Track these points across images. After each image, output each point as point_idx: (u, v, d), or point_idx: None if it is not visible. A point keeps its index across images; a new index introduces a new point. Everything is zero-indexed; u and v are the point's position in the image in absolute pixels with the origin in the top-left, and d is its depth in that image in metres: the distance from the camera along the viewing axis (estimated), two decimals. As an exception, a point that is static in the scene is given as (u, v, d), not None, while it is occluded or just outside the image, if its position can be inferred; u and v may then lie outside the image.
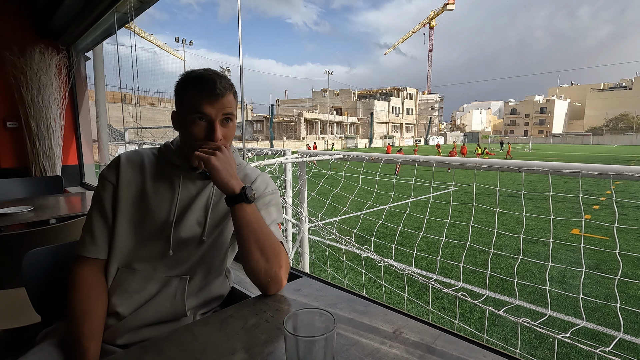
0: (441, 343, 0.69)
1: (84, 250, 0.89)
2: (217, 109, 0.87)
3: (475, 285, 4.14)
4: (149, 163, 0.95)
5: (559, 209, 8.27)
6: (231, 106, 0.90)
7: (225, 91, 0.88)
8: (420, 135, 71.39)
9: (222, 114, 0.88)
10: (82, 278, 0.87)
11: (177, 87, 0.90)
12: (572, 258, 5.04)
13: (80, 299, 0.84)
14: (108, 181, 0.92)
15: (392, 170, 14.90)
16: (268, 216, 0.96)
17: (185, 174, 0.95)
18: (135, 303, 0.89)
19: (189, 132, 0.88)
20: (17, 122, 3.22)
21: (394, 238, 5.54)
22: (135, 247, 0.90)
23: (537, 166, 1.83)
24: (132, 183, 0.92)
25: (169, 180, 0.94)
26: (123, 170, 0.92)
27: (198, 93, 0.86)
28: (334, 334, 0.53)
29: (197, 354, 0.67)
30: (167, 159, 0.95)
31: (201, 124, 0.87)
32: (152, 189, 0.92)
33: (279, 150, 3.24)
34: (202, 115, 0.86)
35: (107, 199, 0.91)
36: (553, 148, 47.18)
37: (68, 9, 2.42)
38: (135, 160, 0.94)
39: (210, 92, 0.86)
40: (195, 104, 0.86)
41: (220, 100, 0.87)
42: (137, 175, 0.93)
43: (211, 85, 0.86)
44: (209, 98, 0.86)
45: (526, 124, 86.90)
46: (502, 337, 3.06)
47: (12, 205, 2.09)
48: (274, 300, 0.88)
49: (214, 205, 0.95)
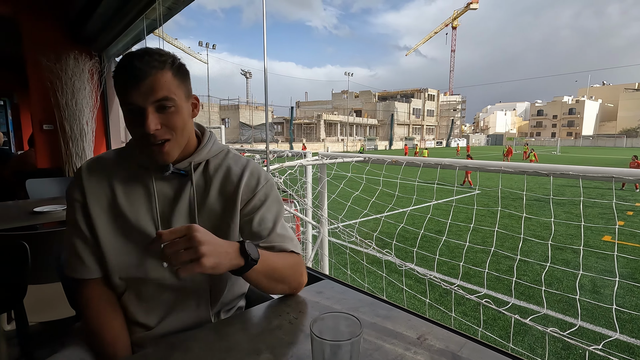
0: (467, 351, 0.67)
1: (75, 273, 0.82)
2: (144, 93, 0.70)
3: (500, 292, 4.02)
4: (114, 169, 0.83)
5: (588, 214, 7.92)
6: (165, 88, 0.72)
7: (152, 70, 0.71)
8: (441, 137, 70.10)
9: (153, 100, 0.71)
10: (88, 298, 0.82)
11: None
12: (604, 266, 4.81)
13: (91, 316, 0.81)
14: (75, 200, 0.81)
15: (414, 173, 14.65)
16: (269, 215, 0.86)
17: (157, 175, 0.82)
18: (159, 313, 0.85)
19: (127, 126, 0.76)
20: (53, 124, 3.39)
21: (414, 242, 5.46)
22: (131, 259, 0.81)
23: (566, 170, 1.76)
24: (100, 195, 0.81)
25: (142, 185, 0.82)
26: (87, 183, 0.81)
27: (121, 77, 0.72)
28: (360, 339, 0.53)
29: (222, 354, 0.68)
30: (133, 160, 0.84)
31: (133, 115, 0.73)
32: (124, 197, 0.81)
33: (299, 152, 3.26)
34: (129, 105, 0.72)
35: (80, 219, 0.81)
36: (583, 151, 45.21)
37: (100, 16, 2.54)
38: (97, 169, 0.82)
39: (131, 74, 0.70)
40: (122, 92, 0.72)
41: (146, 81, 0.70)
42: (104, 185, 0.81)
43: (132, 66, 0.70)
44: (132, 81, 0.70)
45: (554, 126, 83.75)
46: (528, 347, 2.96)
47: (47, 203, 2.20)
48: (296, 302, 0.88)
49: (200, 205, 0.84)
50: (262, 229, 0.85)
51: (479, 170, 2.18)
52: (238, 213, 0.85)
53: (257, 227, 0.85)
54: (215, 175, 0.85)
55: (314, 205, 3.25)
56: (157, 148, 0.75)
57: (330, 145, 43.34)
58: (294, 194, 3.22)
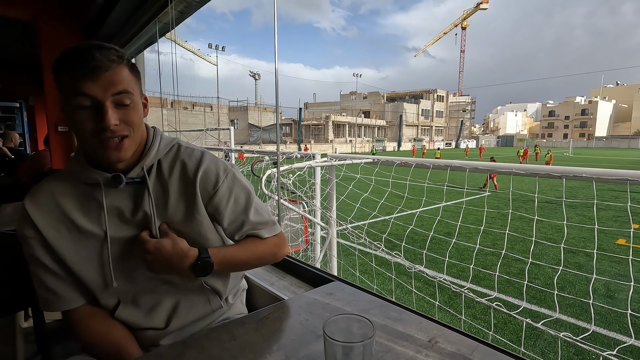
0: (479, 355, 0.67)
1: (54, 307, 0.79)
2: (102, 87, 0.67)
3: (510, 296, 3.97)
4: (63, 194, 0.77)
5: (602, 217, 7.77)
6: (124, 82, 0.70)
7: (111, 63, 0.68)
8: (450, 139, 69.50)
9: (112, 93, 0.68)
10: (76, 322, 0.81)
11: (53, 71, 0.70)
12: (618, 270, 4.71)
13: (87, 335, 0.80)
14: (29, 237, 0.76)
15: (423, 175, 14.56)
16: (238, 207, 0.85)
17: (107, 189, 0.77)
18: (164, 315, 0.85)
19: (74, 122, 0.69)
20: (67, 126, 3.46)
21: (423, 243, 5.42)
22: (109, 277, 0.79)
23: (579, 172, 1.74)
24: (58, 226, 0.76)
25: (95, 201, 0.77)
26: (37, 219, 0.75)
27: (72, 71, 0.67)
28: (372, 341, 0.53)
29: (235, 353, 0.69)
30: (78, 177, 0.77)
31: (88, 111, 0.68)
32: (82, 218, 0.76)
33: (307, 154, 3.27)
34: (82, 97, 0.67)
35: (42, 255, 0.76)
36: (596, 152, 44.37)
37: (115, 21, 2.59)
38: (46, 201, 0.76)
39: (87, 66, 0.66)
40: (72, 85, 0.67)
41: (104, 75, 0.67)
42: (58, 214, 0.76)
43: (88, 57, 0.66)
44: (87, 74, 0.66)
45: (566, 127, 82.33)
46: (539, 351, 2.91)
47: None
48: (307, 303, 0.89)
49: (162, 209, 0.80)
50: (235, 224, 0.86)
51: (489, 172, 2.16)
52: (202, 207, 0.82)
53: (231, 223, 0.86)
54: (171, 175, 0.81)
55: (323, 206, 3.25)
56: (114, 145, 0.71)
57: (339, 147, 43.31)
58: (303, 195, 3.23)
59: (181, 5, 2.19)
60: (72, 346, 1.42)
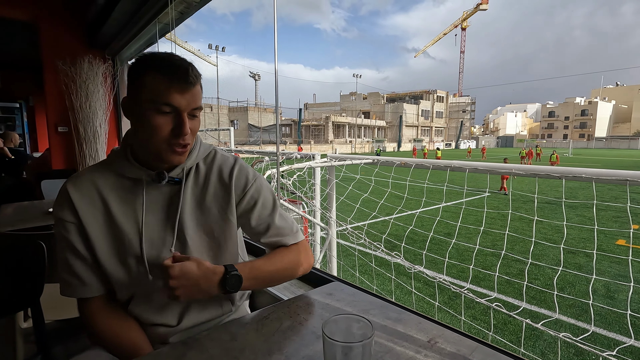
0: (479, 355, 0.67)
1: (77, 293, 0.81)
2: (187, 100, 0.75)
3: (510, 296, 3.97)
4: (104, 184, 0.81)
5: (602, 217, 7.77)
6: (200, 99, 0.79)
7: (197, 81, 0.77)
8: (450, 139, 69.51)
9: (192, 107, 0.77)
10: (93, 312, 0.82)
11: (135, 69, 0.75)
12: (618, 271, 4.71)
13: (102, 330, 0.82)
14: (67, 222, 0.79)
15: (423, 175, 14.58)
16: (265, 211, 0.90)
17: (149, 185, 0.82)
18: (177, 312, 0.86)
19: (150, 125, 0.74)
20: (67, 126, 3.47)
21: (423, 244, 5.42)
22: (132, 273, 0.82)
23: (579, 173, 1.74)
24: (96, 214, 0.80)
25: (134, 196, 0.82)
26: (78, 204, 0.78)
27: (166, 80, 0.72)
28: (371, 341, 0.53)
29: (236, 353, 0.69)
30: (120, 171, 0.82)
31: (167, 117, 0.74)
32: (120, 212, 0.80)
33: (307, 154, 3.28)
34: (169, 105, 0.73)
35: (76, 240, 0.79)
36: (596, 153, 44.39)
37: (115, 21, 2.59)
38: (87, 188, 0.80)
39: (181, 80, 0.73)
40: (162, 93, 0.72)
41: (191, 91, 0.75)
42: (98, 203, 0.80)
43: (183, 72, 0.74)
44: (180, 86, 0.73)
45: (566, 127, 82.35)
46: (539, 352, 2.91)
47: (62, 204, 2.24)
48: (307, 304, 0.89)
49: (198, 208, 0.85)
50: (262, 225, 0.90)
51: (489, 173, 2.17)
52: (234, 208, 0.88)
53: (256, 226, 0.90)
54: (208, 178, 0.87)
55: (322, 207, 3.25)
56: (180, 150, 0.78)
57: (339, 147, 43.29)
58: (303, 196, 3.23)
59: (181, 5, 2.20)
60: (73, 346, 1.42)
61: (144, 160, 0.81)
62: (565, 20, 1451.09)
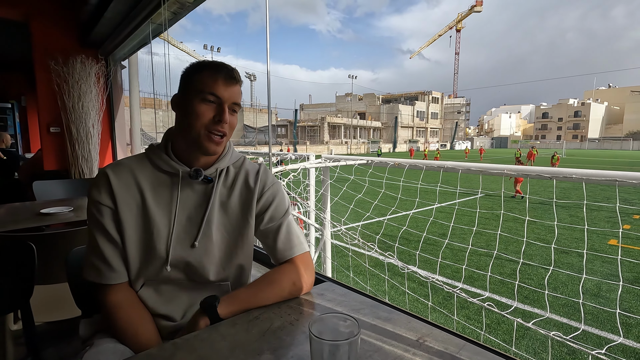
0: (466, 353, 0.68)
1: (103, 279, 0.83)
2: (230, 94, 0.84)
3: (503, 296, 4.00)
4: (141, 175, 0.86)
5: (594, 218, 7.85)
6: (240, 98, 0.88)
7: (240, 81, 0.88)
8: (445, 140, 69.86)
9: (232, 102, 0.85)
10: (117, 301, 0.84)
11: (188, 71, 0.86)
12: (609, 270, 4.77)
13: (123, 319, 0.83)
14: (104, 205, 0.83)
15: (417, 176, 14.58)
16: (277, 210, 0.95)
17: (183, 181, 0.88)
18: (182, 307, 0.89)
19: (195, 112, 0.82)
20: (60, 127, 3.44)
21: (417, 244, 5.45)
22: (154, 263, 0.85)
23: (570, 174, 1.76)
24: (131, 202, 0.84)
25: (169, 190, 0.87)
26: (117, 190, 0.83)
27: (214, 74, 0.83)
28: (358, 339, 0.54)
29: (226, 353, 0.69)
30: (158, 165, 0.87)
31: (211, 105, 0.83)
32: (154, 203, 0.85)
33: (302, 155, 3.28)
34: (214, 95, 0.82)
35: (109, 224, 0.83)
36: (589, 153, 44.85)
37: (108, 21, 2.58)
38: (126, 176, 0.85)
39: (226, 75, 0.84)
40: (210, 84, 0.82)
41: (234, 86, 0.85)
42: (134, 192, 0.84)
43: (228, 70, 0.85)
44: (225, 80, 0.83)
45: (559, 129, 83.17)
46: (532, 351, 2.94)
47: (54, 205, 2.23)
48: (298, 304, 0.90)
49: (224, 206, 0.91)
50: (274, 224, 0.94)
51: (482, 174, 2.19)
52: (254, 212, 0.94)
53: (269, 221, 0.94)
54: (236, 180, 0.94)
55: (317, 208, 3.26)
56: (216, 138, 0.85)
57: (334, 148, 43.31)
58: (297, 197, 3.23)
59: (174, 6, 2.19)
60: (65, 348, 1.41)
61: (182, 157, 0.88)
62: (557, 22, 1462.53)
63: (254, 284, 0.88)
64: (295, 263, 0.93)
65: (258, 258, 1.43)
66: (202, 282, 0.91)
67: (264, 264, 1.64)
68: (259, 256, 1.45)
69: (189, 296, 0.91)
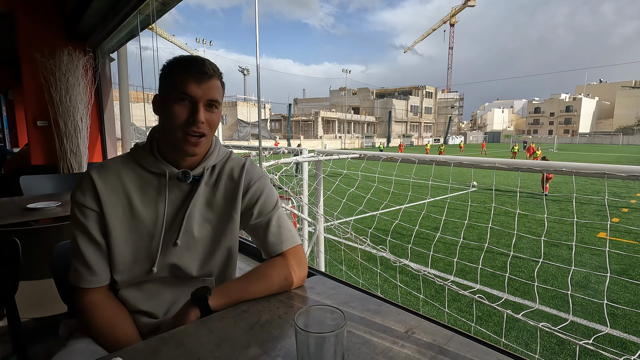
0: (454, 345, 0.68)
1: (83, 282, 0.82)
2: (203, 90, 0.81)
3: (495, 288, 4.05)
4: (127, 177, 0.85)
5: (584, 211, 7.97)
6: (217, 93, 0.84)
7: (214, 74, 0.83)
8: (439, 135, 70.16)
9: (207, 99, 0.82)
10: (93, 303, 0.83)
11: (164, 69, 0.83)
12: (598, 262, 4.85)
13: (100, 321, 0.82)
14: (88, 208, 0.81)
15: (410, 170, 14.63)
16: (266, 204, 0.94)
17: (171, 182, 0.87)
18: (165, 303, 0.88)
19: (170, 112, 0.80)
20: (47, 121, 3.37)
21: (410, 238, 5.48)
22: (140, 264, 0.85)
23: (559, 167, 1.77)
24: (117, 205, 0.82)
25: (156, 191, 0.86)
26: (102, 193, 0.81)
27: (184, 72, 0.80)
28: (344, 331, 0.53)
29: (212, 347, 0.69)
30: (144, 166, 0.86)
31: (184, 105, 0.80)
32: (141, 205, 0.84)
33: (295, 149, 3.26)
34: (185, 95, 0.80)
35: (93, 227, 0.81)
36: (580, 148, 45.45)
37: (95, 12, 2.52)
38: (112, 179, 0.83)
39: (197, 71, 0.80)
40: (179, 83, 0.80)
41: (207, 82, 0.81)
42: (120, 194, 0.83)
43: (199, 65, 0.81)
44: (195, 77, 0.80)
45: (551, 123, 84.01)
46: (523, 342, 2.98)
47: (41, 200, 2.19)
48: (287, 297, 0.89)
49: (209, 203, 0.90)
50: (262, 219, 0.93)
51: (473, 167, 2.19)
52: (240, 205, 0.92)
53: (257, 216, 0.93)
54: (221, 175, 0.93)
55: (310, 202, 3.25)
56: (194, 140, 0.82)
57: (328, 142, 43.32)
58: (290, 191, 3.22)
59: (163, -3, 2.15)
60: (51, 344, 1.40)
61: (168, 156, 0.86)
62: (548, 18, 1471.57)
63: (246, 277, 0.87)
64: (286, 256, 0.92)
65: (249, 252, 1.41)
66: (186, 278, 0.90)
67: (254, 257, 1.63)
68: (250, 250, 1.44)
69: (172, 292, 0.90)
